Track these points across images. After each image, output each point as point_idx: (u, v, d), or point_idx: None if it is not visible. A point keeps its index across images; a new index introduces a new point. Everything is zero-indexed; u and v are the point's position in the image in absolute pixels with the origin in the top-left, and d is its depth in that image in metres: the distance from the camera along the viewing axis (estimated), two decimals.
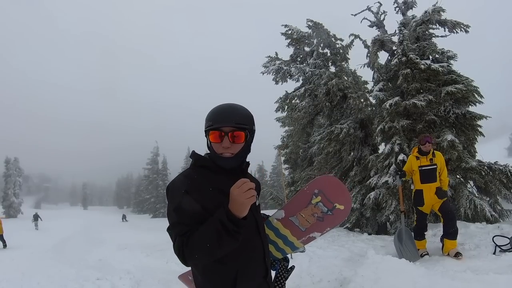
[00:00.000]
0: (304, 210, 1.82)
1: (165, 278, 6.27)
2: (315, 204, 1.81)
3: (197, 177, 1.38)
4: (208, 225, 1.26)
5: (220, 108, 1.43)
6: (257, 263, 1.47)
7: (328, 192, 1.80)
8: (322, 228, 1.84)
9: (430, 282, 3.35)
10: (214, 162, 1.41)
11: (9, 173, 40.85)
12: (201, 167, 1.42)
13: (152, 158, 51.76)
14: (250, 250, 1.42)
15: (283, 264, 1.82)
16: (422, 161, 4.86)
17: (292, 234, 1.85)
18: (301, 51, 11.33)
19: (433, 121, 7.32)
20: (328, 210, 1.80)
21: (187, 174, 1.40)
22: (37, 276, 7.41)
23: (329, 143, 9.34)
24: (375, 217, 7.99)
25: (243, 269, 1.38)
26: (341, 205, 1.79)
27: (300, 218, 1.83)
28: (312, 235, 1.85)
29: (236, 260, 1.37)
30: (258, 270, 1.47)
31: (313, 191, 1.82)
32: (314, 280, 4.45)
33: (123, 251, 11.25)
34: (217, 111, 1.42)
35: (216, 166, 1.41)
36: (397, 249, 4.98)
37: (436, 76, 7.42)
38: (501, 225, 5.81)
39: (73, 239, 17.22)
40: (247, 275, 1.39)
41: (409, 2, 8.91)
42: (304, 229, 1.84)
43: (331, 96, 9.70)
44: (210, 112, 1.42)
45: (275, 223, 1.87)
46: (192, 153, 1.50)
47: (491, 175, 6.78)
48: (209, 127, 1.38)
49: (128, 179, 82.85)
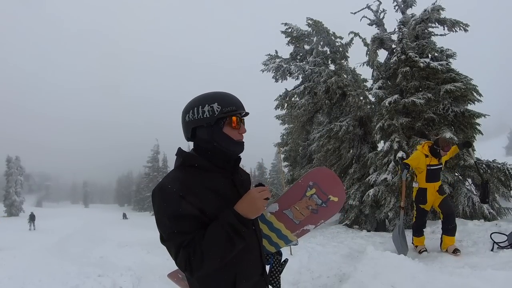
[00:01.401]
0: (299, 202, 1.81)
1: (166, 275, 6.32)
2: (309, 196, 1.80)
3: (189, 178, 1.24)
4: (215, 230, 1.17)
5: (227, 93, 1.35)
6: (254, 263, 1.42)
7: (323, 184, 1.79)
8: (316, 221, 1.83)
9: (429, 278, 3.38)
10: (207, 157, 1.31)
11: (10, 172, 40.82)
12: (190, 167, 1.29)
13: (152, 156, 51.74)
14: (248, 251, 1.35)
15: (276, 258, 1.79)
16: (432, 160, 4.76)
17: (286, 227, 1.83)
18: (301, 49, 11.34)
19: (432, 119, 7.35)
20: (323, 202, 1.79)
21: (177, 176, 1.25)
22: (38, 273, 7.46)
23: (329, 140, 9.38)
24: (374, 214, 8.04)
25: (241, 270, 1.31)
26: (335, 197, 1.78)
27: (294, 211, 1.81)
28: (306, 228, 1.83)
29: (235, 263, 1.28)
30: (255, 269, 1.42)
31: (308, 183, 1.81)
32: (314, 276, 4.49)
33: (124, 249, 11.30)
34: (229, 97, 1.33)
35: (209, 164, 1.30)
36: (396, 245, 4.97)
37: (435, 74, 7.45)
38: (499, 222, 5.85)
39: (74, 237, 17.28)
40: (245, 276, 1.34)
41: (408, 1, 8.92)
42: (298, 222, 1.82)
43: (330, 94, 9.73)
44: (221, 97, 1.31)
45: (268, 217, 1.84)
46: (179, 150, 1.34)
47: (489, 173, 6.82)
48: (231, 112, 1.28)
49: (128, 177, 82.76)
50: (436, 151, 4.72)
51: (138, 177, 67.90)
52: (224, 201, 1.25)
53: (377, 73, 8.66)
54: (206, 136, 1.30)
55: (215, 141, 1.29)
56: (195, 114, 1.29)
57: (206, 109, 1.27)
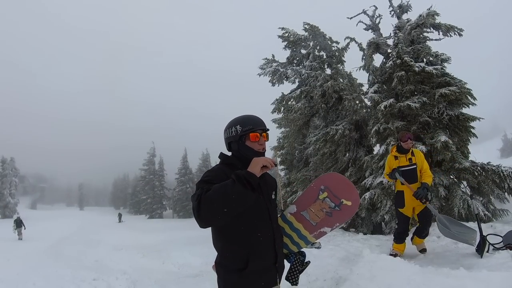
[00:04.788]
0: (313, 205, 1.97)
1: (162, 279, 6.29)
2: (322, 199, 1.95)
3: (227, 170, 1.68)
4: (226, 181, 1.52)
5: (250, 116, 1.81)
6: (267, 247, 1.74)
7: (334, 188, 1.93)
8: (331, 223, 1.96)
9: (424, 280, 3.40)
10: (239, 160, 1.75)
11: (5, 173, 40.42)
12: (227, 165, 1.75)
13: (148, 158, 51.56)
14: (260, 234, 1.71)
15: (298, 257, 1.97)
16: (401, 161, 4.66)
17: (304, 228, 1.99)
18: (297, 53, 11.41)
19: (427, 122, 7.42)
20: (336, 205, 1.93)
21: (219, 167, 1.75)
22: (33, 276, 7.39)
23: (325, 144, 9.42)
24: (370, 217, 8.07)
25: (253, 250, 1.68)
26: (348, 201, 1.91)
27: (310, 213, 1.98)
28: (323, 230, 1.98)
29: (248, 241, 1.68)
30: (268, 254, 1.74)
31: (319, 187, 1.96)
32: (310, 279, 4.49)
33: (119, 252, 11.24)
34: (250, 118, 1.80)
35: (241, 164, 1.71)
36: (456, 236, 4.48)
37: (430, 79, 7.53)
38: (494, 224, 5.89)
39: (69, 239, 17.11)
40: (257, 257, 1.68)
41: (404, 6, 9.03)
42: (315, 223, 1.97)
43: (326, 98, 9.79)
44: (241, 120, 1.78)
45: (288, 217, 2.02)
46: (221, 154, 1.86)
47: (484, 176, 6.87)
48: (249, 130, 1.75)
49: (124, 180, 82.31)
50: (401, 148, 4.67)
51: (134, 180, 67.56)
52: None
53: (372, 77, 8.73)
54: (236, 148, 1.79)
55: (241, 151, 1.77)
56: (228, 134, 1.81)
57: (233, 130, 1.78)
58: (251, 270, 1.66)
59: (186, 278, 6.16)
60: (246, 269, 1.65)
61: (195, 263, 7.58)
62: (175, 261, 8.41)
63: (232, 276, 1.68)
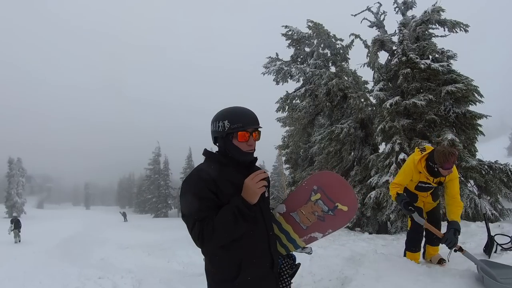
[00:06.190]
0: (304, 206, 1.74)
1: (166, 277, 6.31)
2: (314, 201, 1.72)
3: (211, 170, 1.51)
4: (225, 211, 1.42)
5: (241, 110, 1.58)
6: (262, 252, 1.56)
7: (329, 190, 1.69)
8: (323, 229, 1.74)
9: (432, 280, 3.35)
10: (224, 157, 1.57)
11: (12, 173, 40.87)
12: (213, 162, 1.57)
13: (153, 158, 51.75)
14: (254, 238, 1.53)
15: (286, 261, 1.78)
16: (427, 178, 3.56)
17: (293, 230, 1.79)
18: (301, 51, 11.37)
19: (433, 120, 7.33)
20: (329, 209, 1.69)
21: (202, 168, 1.54)
22: (39, 275, 7.47)
23: (330, 142, 9.37)
24: (376, 217, 8.01)
25: (247, 256, 1.49)
26: (344, 206, 1.66)
27: (300, 215, 1.76)
28: (314, 235, 1.76)
29: (240, 247, 1.48)
30: (263, 259, 1.56)
31: (312, 187, 1.73)
32: (315, 279, 4.46)
33: (124, 251, 11.31)
34: (241, 114, 1.56)
35: (227, 161, 1.56)
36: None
37: (436, 76, 7.44)
38: (502, 223, 5.81)
39: (75, 238, 17.25)
40: (252, 262, 1.50)
41: (408, 2, 8.94)
42: (305, 227, 1.76)
43: (331, 96, 9.73)
44: (230, 114, 1.55)
45: (277, 217, 1.82)
46: (205, 150, 1.65)
47: (491, 174, 6.79)
48: (238, 128, 1.52)
49: (130, 179, 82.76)
50: (433, 170, 3.36)
51: (139, 179, 67.91)
52: (237, 190, 1.47)
53: (378, 75, 8.65)
54: (222, 144, 1.59)
55: (228, 150, 1.57)
56: (214, 127, 1.58)
57: (220, 124, 1.55)
58: (245, 279, 1.46)
59: (191, 277, 6.17)
60: (239, 277, 1.46)
61: (200, 262, 7.50)
62: (180, 260, 8.44)
63: (225, 287, 1.50)
